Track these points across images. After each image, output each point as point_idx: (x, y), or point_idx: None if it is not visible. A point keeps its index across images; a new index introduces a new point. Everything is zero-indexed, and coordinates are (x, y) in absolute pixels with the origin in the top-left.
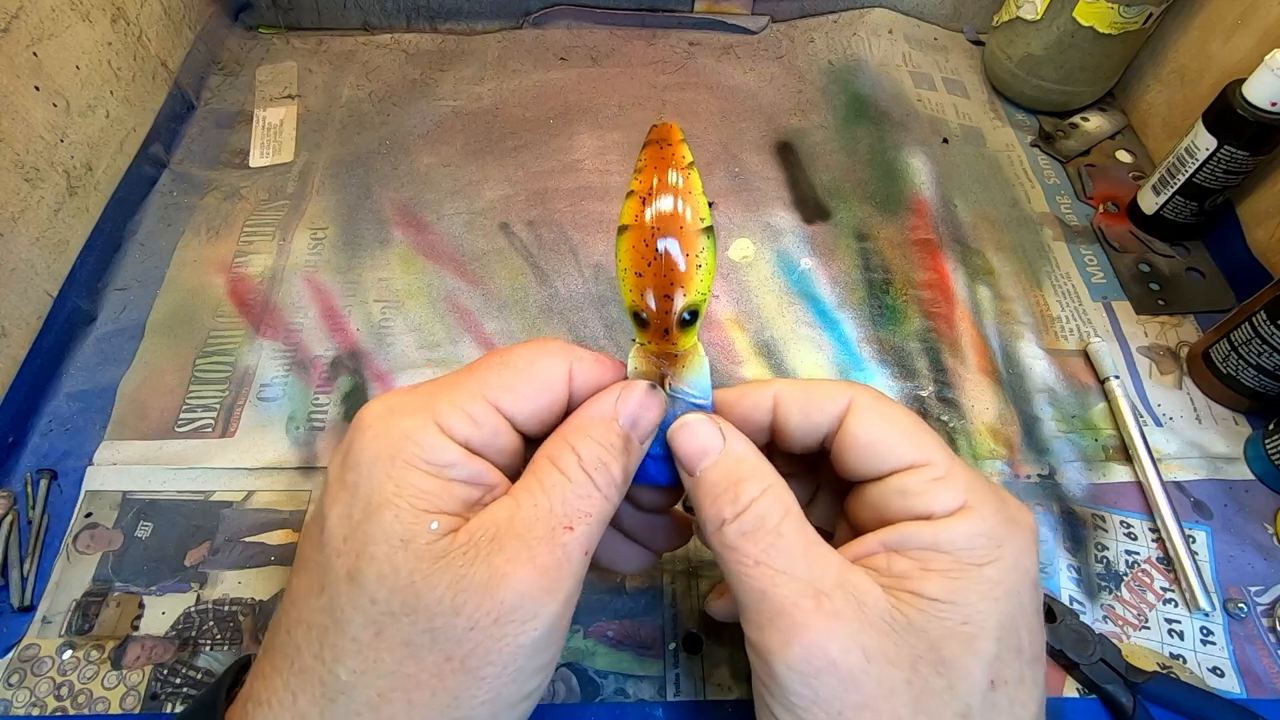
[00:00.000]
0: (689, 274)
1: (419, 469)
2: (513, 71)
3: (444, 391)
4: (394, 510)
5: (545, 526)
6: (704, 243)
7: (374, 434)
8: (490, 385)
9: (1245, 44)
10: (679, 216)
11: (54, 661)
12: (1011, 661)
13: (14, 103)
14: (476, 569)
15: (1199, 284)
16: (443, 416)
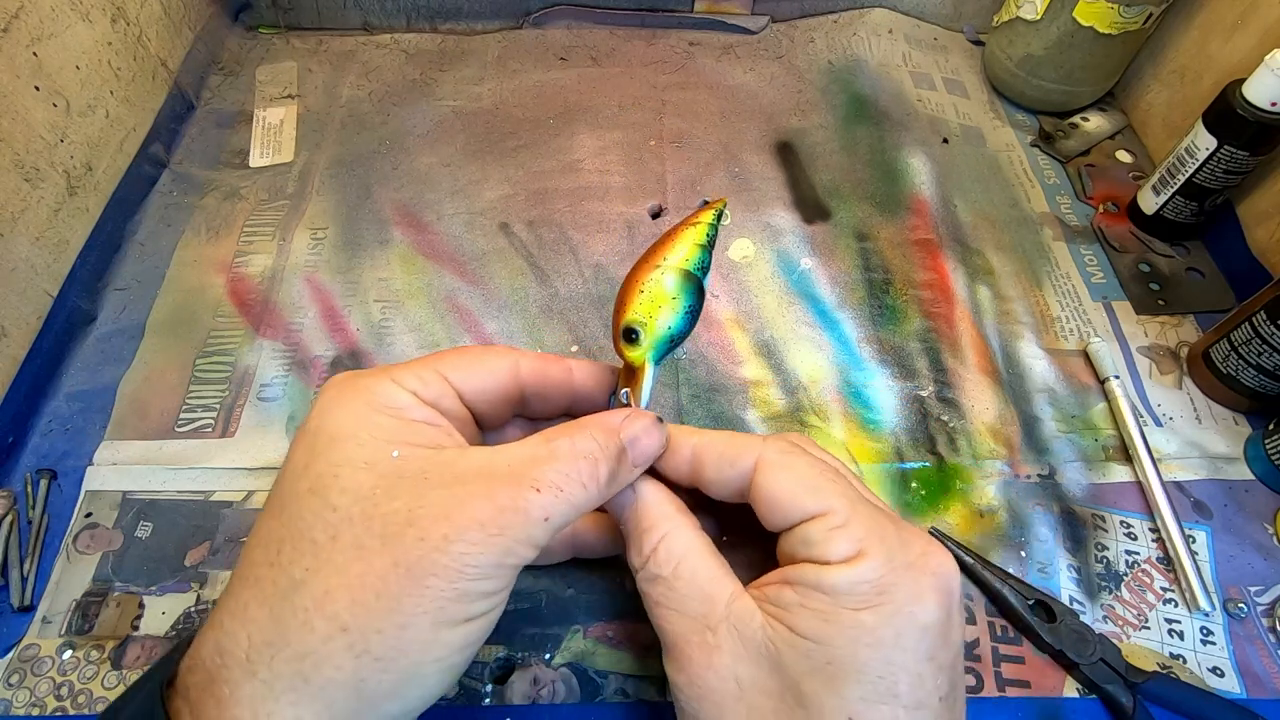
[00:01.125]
0: (631, 297)
1: (377, 410)
2: (513, 71)
3: (402, 366)
4: (356, 440)
5: (513, 477)
6: (654, 275)
7: (335, 389)
8: (442, 361)
9: (1245, 44)
10: (650, 256)
11: (54, 661)
12: (880, 706)
13: (14, 103)
14: (435, 492)
15: (1199, 284)
16: (396, 375)
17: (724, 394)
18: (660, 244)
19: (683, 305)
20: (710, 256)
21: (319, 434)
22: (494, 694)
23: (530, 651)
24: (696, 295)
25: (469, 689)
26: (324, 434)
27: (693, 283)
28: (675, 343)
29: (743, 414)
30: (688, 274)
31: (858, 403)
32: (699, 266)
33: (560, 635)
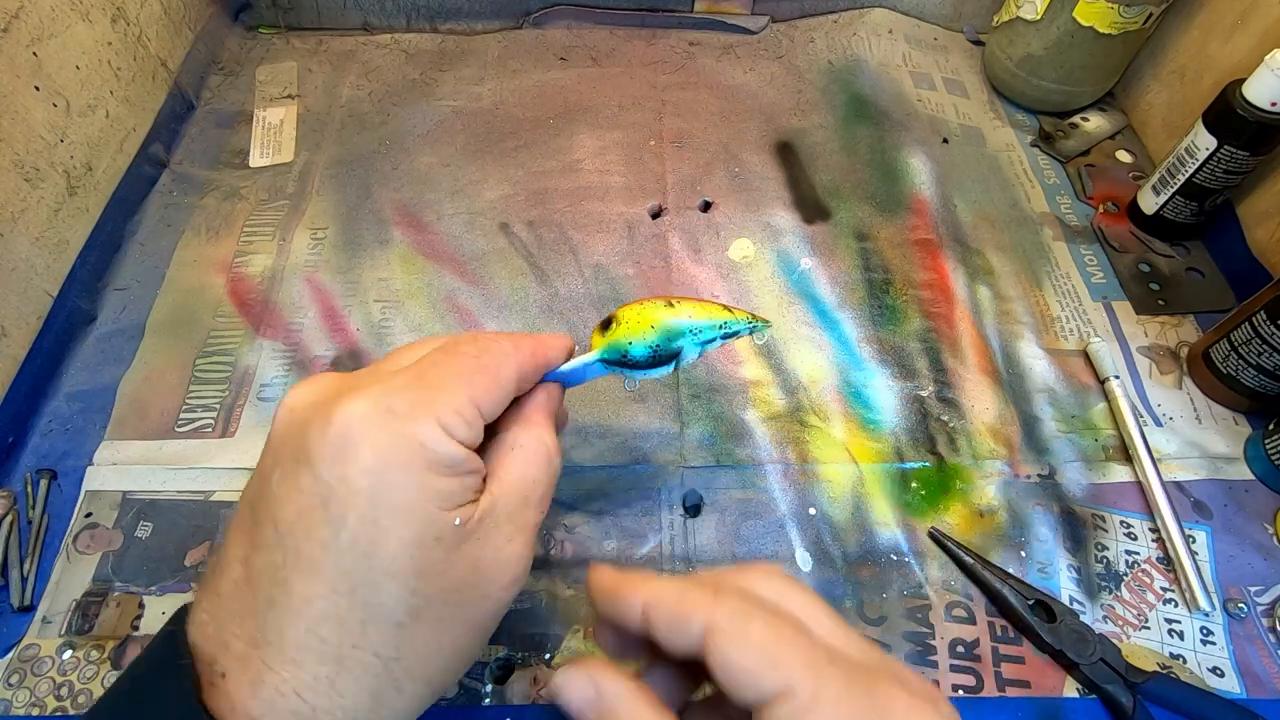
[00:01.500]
0: (637, 300)
1: (438, 474)
2: (513, 71)
3: (436, 394)
4: (424, 513)
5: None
6: (657, 304)
7: (382, 440)
8: (475, 388)
9: (1245, 44)
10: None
11: (54, 661)
12: None
13: (14, 103)
14: (486, 550)
15: (1199, 284)
16: (446, 420)
17: (724, 394)
18: (694, 298)
19: (653, 339)
20: (714, 339)
21: (377, 501)
22: (494, 694)
23: (530, 651)
24: (669, 344)
25: (469, 689)
26: (384, 503)
27: (676, 334)
28: (626, 363)
29: (743, 414)
30: (679, 325)
31: (858, 403)
32: (695, 330)
33: (560, 635)
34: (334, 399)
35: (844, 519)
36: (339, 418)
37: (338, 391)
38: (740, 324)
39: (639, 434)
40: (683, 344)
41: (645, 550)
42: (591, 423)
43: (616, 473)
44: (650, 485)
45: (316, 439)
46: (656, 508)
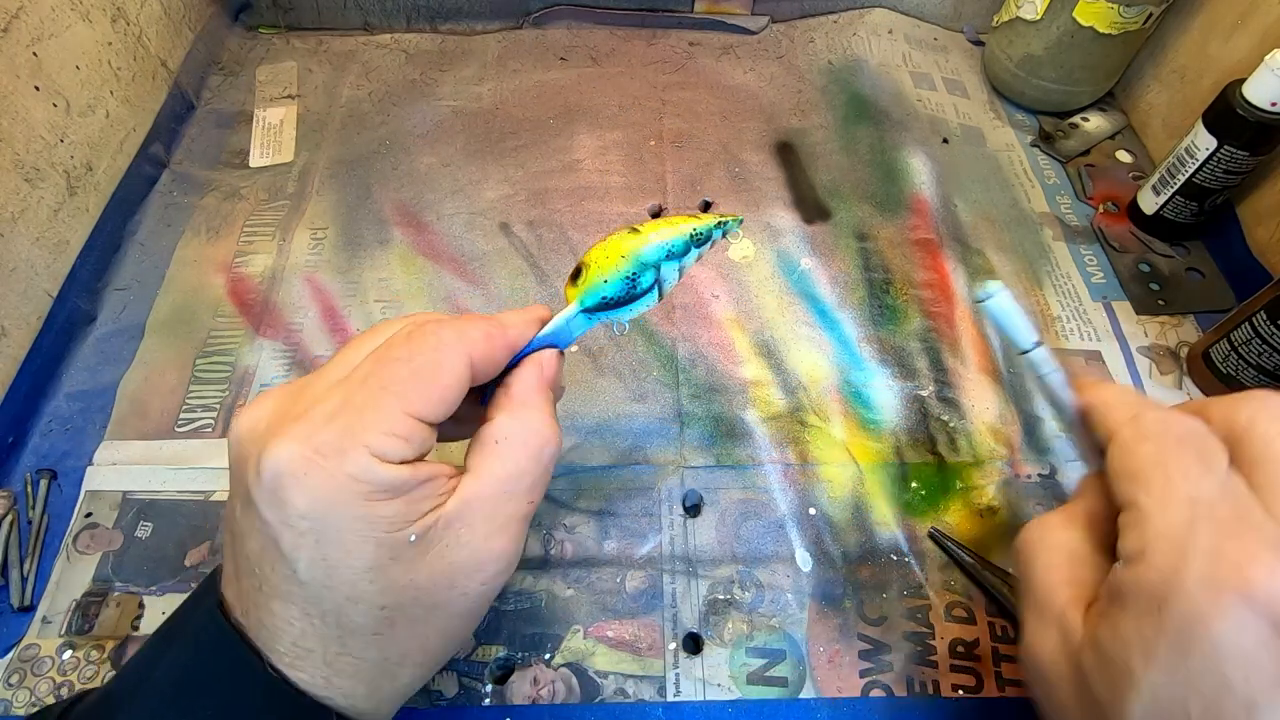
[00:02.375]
0: (598, 241)
1: (379, 501)
2: (513, 71)
3: (364, 416)
4: (372, 542)
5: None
6: (621, 232)
7: (313, 483)
8: (408, 399)
9: (1245, 44)
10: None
11: (54, 661)
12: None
13: (14, 103)
14: (460, 553)
15: (1199, 284)
16: (377, 446)
17: (724, 394)
18: (660, 219)
19: (626, 269)
20: (687, 249)
21: (323, 541)
22: (494, 694)
23: (530, 651)
24: (646, 269)
25: (469, 689)
26: (330, 541)
27: (645, 258)
28: (608, 303)
29: (743, 414)
30: (648, 244)
31: (858, 403)
32: (666, 246)
33: (560, 635)
34: (266, 436)
35: (844, 519)
36: (267, 464)
37: (270, 425)
38: (708, 226)
39: (639, 434)
40: (659, 266)
41: (645, 550)
42: (591, 423)
43: (616, 473)
44: (650, 485)
45: (253, 483)
46: (656, 508)
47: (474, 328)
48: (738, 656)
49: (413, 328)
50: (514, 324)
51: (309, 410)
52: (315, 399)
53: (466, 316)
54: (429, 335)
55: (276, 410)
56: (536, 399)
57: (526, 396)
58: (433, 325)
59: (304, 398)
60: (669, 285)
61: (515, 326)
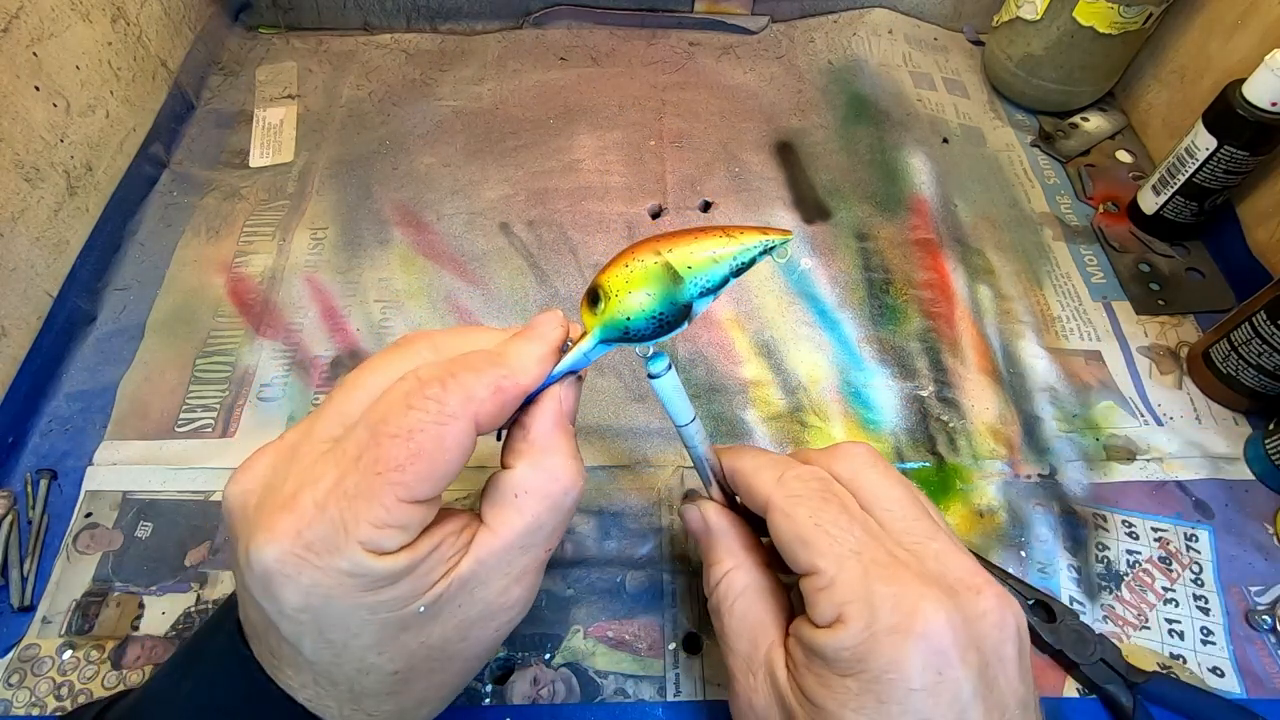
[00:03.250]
0: (616, 263)
1: (378, 590)
2: (513, 71)
3: (356, 508)
4: (377, 624)
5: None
6: (647, 258)
7: (306, 581)
8: (406, 485)
9: (1245, 44)
10: (664, 238)
11: (54, 661)
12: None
13: (14, 103)
14: (472, 610)
15: (1199, 284)
16: (371, 541)
17: (724, 394)
18: (684, 233)
19: (653, 306)
20: (725, 281)
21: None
22: (494, 694)
23: (530, 651)
24: (674, 305)
25: (469, 689)
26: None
27: (677, 290)
28: (630, 337)
29: (743, 414)
30: (679, 279)
31: (858, 403)
32: (700, 281)
33: (560, 635)
34: (255, 521)
35: None
36: (256, 562)
37: (259, 504)
38: (752, 252)
39: (639, 434)
40: (690, 299)
41: (645, 550)
42: (591, 423)
43: (616, 473)
44: (650, 485)
45: (247, 572)
46: (656, 508)
47: (481, 385)
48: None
49: (412, 389)
50: (527, 367)
51: (298, 495)
52: (305, 476)
53: (472, 362)
54: (430, 405)
55: (266, 484)
56: (557, 440)
57: (546, 441)
58: (435, 389)
59: (294, 470)
60: (699, 313)
61: (529, 370)
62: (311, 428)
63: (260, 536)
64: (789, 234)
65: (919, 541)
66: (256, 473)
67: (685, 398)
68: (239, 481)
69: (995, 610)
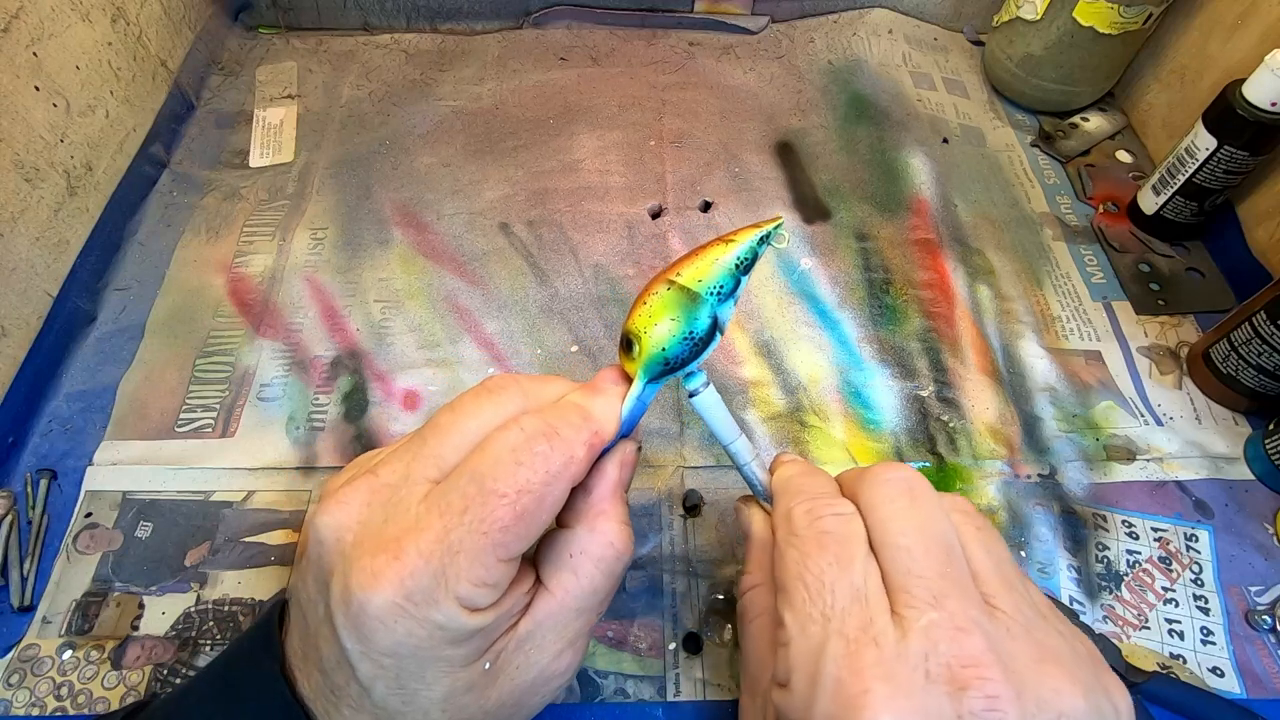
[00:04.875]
0: (636, 305)
1: (460, 645)
2: (513, 71)
3: (458, 563)
4: (450, 676)
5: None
6: (659, 289)
7: (401, 630)
8: (506, 546)
9: (1245, 44)
10: (672, 266)
11: (54, 661)
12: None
13: (14, 103)
14: (528, 672)
15: (1199, 284)
16: (467, 598)
17: (724, 394)
18: (685, 256)
19: (680, 329)
20: (737, 282)
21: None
22: None
23: None
24: (698, 321)
25: None
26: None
27: (697, 306)
28: (672, 366)
29: (743, 414)
30: (695, 295)
31: (858, 403)
32: (713, 289)
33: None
34: (354, 558)
35: None
36: (357, 603)
37: (359, 542)
38: (750, 247)
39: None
40: (712, 311)
41: (645, 550)
42: None
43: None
44: (650, 485)
45: (336, 606)
46: (656, 508)
47: (579, 443)
48: (738, 657)
49: (520, 444)
50: (609, 422)
51: (402, 541)
52: (409, 522)
53: (570, 418)
54: (538, 465)
55: (363, 520)
56: (614, 506)
57: (606, 505)
58: (543, 446)
59: (396, 513)
60: (727, 321)
61: (610, 424)
62: (409, 469)
63: (363, 580)
64: (779, 218)
65: (915, 603)
66: (352, 509)
67: (728, 413)
68: (332, 513)
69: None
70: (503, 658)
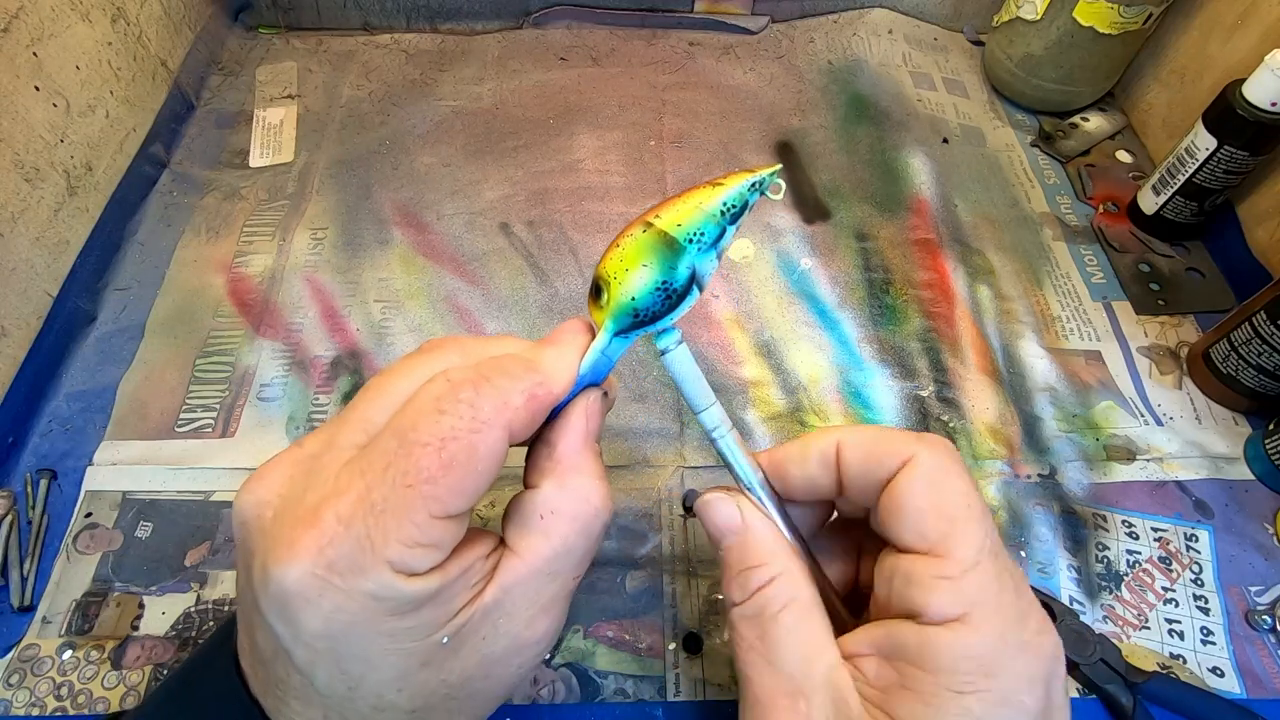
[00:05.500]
0: (610, 248)
1: (403, 615)
2: (513, 71)
3: (385, 524)
4: (399, 654)
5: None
6: (634, 231)
7: (328, 605)
8: (438, 499)
9: (1245, 44)
10: (652, 208)
11: (54, 661)
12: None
13: (14, 103)
14: (495, 645)
15: (1199, 284)
16: (400, 561)
17: (724, 394)
18: (669, 198)
19: (653, 277)
20: (722, 231)
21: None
22: None
23: None
24: (675, 271)
25: None
26: (351, 657)
27: (674, 253)
28: (641, 318)
29: (743, 414)
30: (672, 241)
31: (858, 403)
32: (692, 236)
33: (560, 635)
34: (272, 535)
35: None
36: (274, 582)
37: (277, 516)
38: (740, 192)
39: (639, 434)
40: (692, 261)
41: (645, 550)
42: None
43: (616, 473)
44: (650, 485)
45: (259, 589)
46: (656, 508)
47: (516, 391)
48: None
49: (444, 393)
50: (559, 374)
51: (320, 509)
52: (328, 488)
53: (505, 366)
54: (463, 410)
55: (284, 494)
56: (585, 460)
57: (574, 459)
58: (469, 392)
59: (316, 481)
60: (708, 276)
61: (561, 377)
62: (334, 436)
63: (279, 554)
64: (776, 165)
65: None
66: (273, 482)
67: (701, 377)
68: (252, 490)
69: (1061, 648)
70: (467, 628)
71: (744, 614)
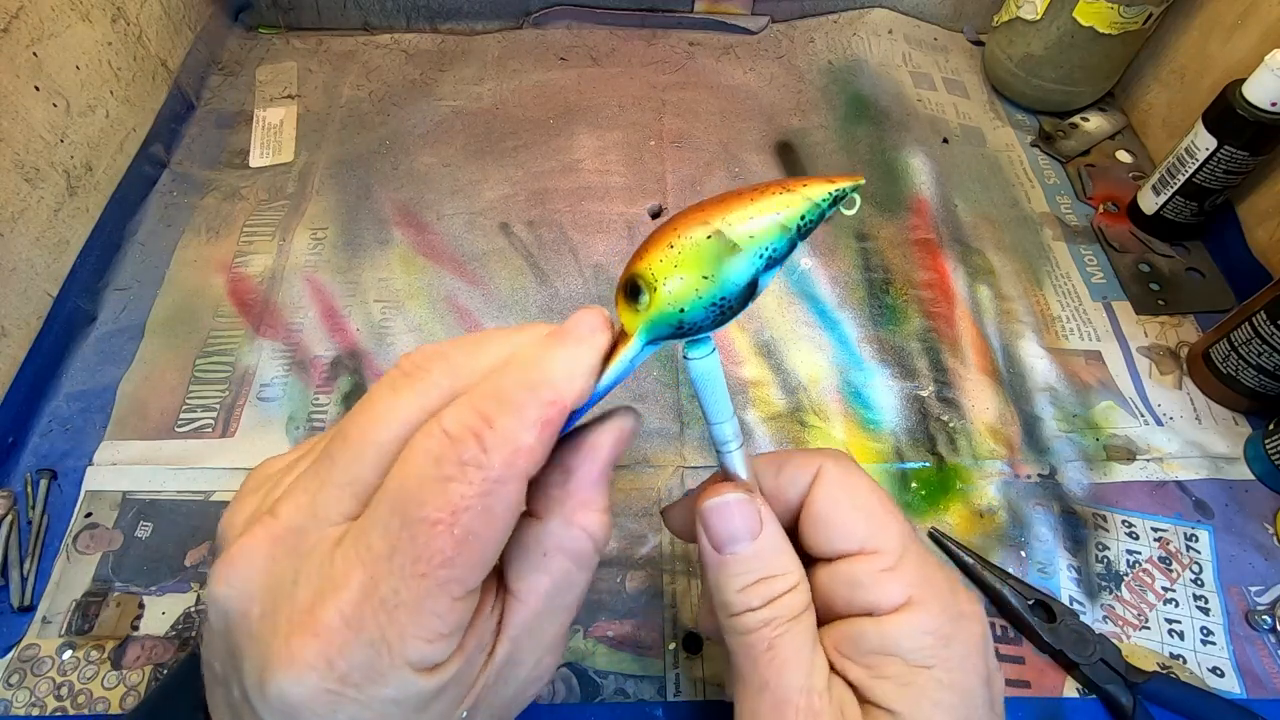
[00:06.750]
0: (656, 246)
1: (427, 712)
2: (513, 71)
3: (399, 621)
4: None
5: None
6: (697, 234)
7: (345, 716)
8: (458, 580)
9: (1245, 44)
10: (709, 207)
11: (54, 662)
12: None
13: (14, 103)
14: (507, 691)
15: (1199, 284)
16: (420, 659)
17: None
18: (733, 197)
19: (711, 292)
20: (793, 246)
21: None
22: None
23: None
24: (738, 286)
25: None
26: None
27: (740, 268)
28: (683, 332)
29: (743, 414)
30: (740, 253)
31: (858, 403)
32: (764, 251)
33: None
34: (265, 638)
35: None
36: (277, 696)
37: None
38: (822, 204)
39: (639, 434)
40: (754, 275)
41: (645, 550)
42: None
43: (617, 473)
44: (650, 485)
45: (258, 701)
46: (656, 508)
47: (525, 427)
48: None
49: (444, 452)
50: (572, 383)
51: (319, 609)
52: (323, 579)
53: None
54: (471, 474)
55: (267, 585)
56: (598, 496)
57: (589, 494)
58: (473, 449)
59: (306, 567)
60: (764, 289)
61: (575, 386)
62: (316, 505)
63: (277, 665)
64: (859, 179)
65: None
66: (251, 569)
67: (725, 389)
68: (228, 580)
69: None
70: (482, 694)
71: (765, 618)
